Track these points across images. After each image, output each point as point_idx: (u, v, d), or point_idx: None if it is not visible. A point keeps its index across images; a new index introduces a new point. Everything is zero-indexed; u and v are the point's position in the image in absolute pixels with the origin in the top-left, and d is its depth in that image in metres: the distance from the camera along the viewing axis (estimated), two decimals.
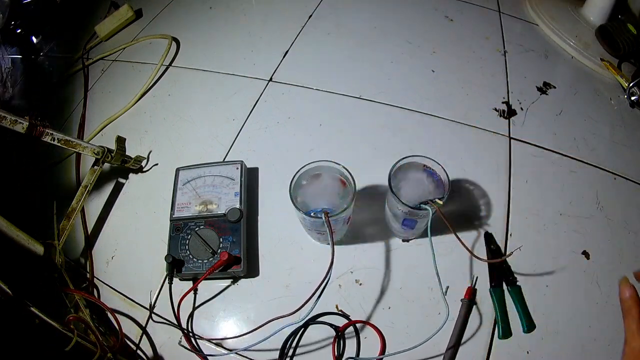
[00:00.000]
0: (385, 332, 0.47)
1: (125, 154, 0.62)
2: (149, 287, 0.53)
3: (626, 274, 0.50)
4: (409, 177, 0.45)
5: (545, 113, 0.66)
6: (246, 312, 0.50)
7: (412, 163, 0.46)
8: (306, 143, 0.63)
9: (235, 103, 0.70)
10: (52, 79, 0.88)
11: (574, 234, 0.53)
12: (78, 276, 0.56)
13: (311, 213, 0.43)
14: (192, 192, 0.56)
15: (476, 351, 0.45)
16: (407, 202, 0.42)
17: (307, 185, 0.46)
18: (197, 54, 0.81)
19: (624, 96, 0.68)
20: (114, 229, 0.61)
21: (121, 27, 0.92)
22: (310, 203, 0.45)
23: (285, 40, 0.79)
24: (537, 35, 0.79)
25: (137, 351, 0.50)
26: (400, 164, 0.45)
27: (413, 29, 0.79)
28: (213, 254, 0.50)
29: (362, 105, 0.68)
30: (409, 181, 0.45)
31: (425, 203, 0.42)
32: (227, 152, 0.64)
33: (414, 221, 0.46)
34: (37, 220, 0.63)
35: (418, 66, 0.73)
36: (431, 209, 0.41)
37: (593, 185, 0.57)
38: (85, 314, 0.48)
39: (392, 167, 0.45)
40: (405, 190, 0.44)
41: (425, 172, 0.45)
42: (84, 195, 0.56)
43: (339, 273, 0.51)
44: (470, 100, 0.67)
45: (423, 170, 0.45)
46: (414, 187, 0.44)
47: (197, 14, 0.90)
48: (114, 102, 0.76)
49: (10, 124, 0.54)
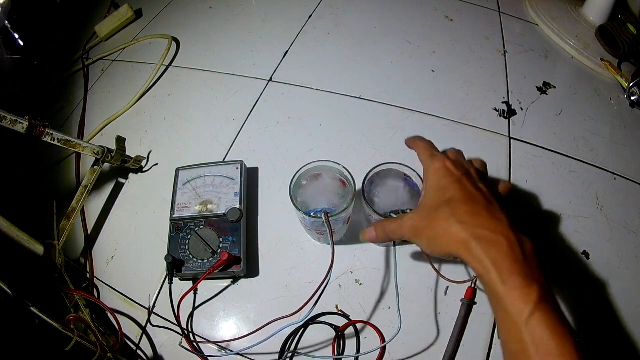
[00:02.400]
0: (385, 332, 0.47)
1: (125, 154, 0.62)
2: (149, 287, 0.53)
3: (626, 273, 0.50)
4: (386, 184, 0.45)
5: (545, 113, 0.66)
6: (246, 312, 0.50)
7: (391, 170, 0.45)
8: (306, 143, 0.63)
9: (235, 103, 0.70)
10: (52, 79, 0.88)
11: (574, 234, 0.53)
12: (78, 276, 0.56)
13: (311, 213, 0.43)
14: (192, 192, 0.56)
15: (476, 351, 0.45)
16: (377, 210, 0.41)
17: (307, 185, 0.46)
18: (197, 54, 0.81)
19: (624, 96, 0.68)
20: (114, 229, 0.61)
21: (121, 27, 0.92)
22: (310, 203, 0.45)
23: (285, 40, 0.79)
24: (537, 35, 0.79)
25: (137, 351, 0.50)
26: (378, 170, 0.45)
27: (413, 29, 0.79)
28: (213, 254, 0.50)
29: (362, 105, 0.68)
30: (385, 188, 0.44)
31: (396, 212, 0.41)
32: (227, 152, 0.64)
33: None
34: (37, 220, 0.63)
35: (418, 66, 0.73)
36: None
37: (593, 185, 0.57)
38: (85, 314, 0.48)
39: (369, 172, 0.44)
40: (380, 198, 0.43)
41: (404, 181, 0.45)
42: (84, 195, 0.56)
43: (339, 273, 0.51)
44: (470, 100, 0.67)
45: (403, 179, 0.45)
46: (388, 195, 0.43)
47: (197, 14, 0.90)
48: (114, 102, 0.76)
49: (10, 124, 0.54)
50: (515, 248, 0.30)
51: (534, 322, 0.27)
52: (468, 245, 0.30)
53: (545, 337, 0.27)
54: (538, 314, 0.27)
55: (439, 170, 0.36)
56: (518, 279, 0.28)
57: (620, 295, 0.48)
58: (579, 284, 0.49)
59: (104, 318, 0.52)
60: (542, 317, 0.27)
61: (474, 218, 0.31)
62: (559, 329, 0.27)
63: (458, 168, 0.36)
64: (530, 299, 0.28)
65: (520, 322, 0.27)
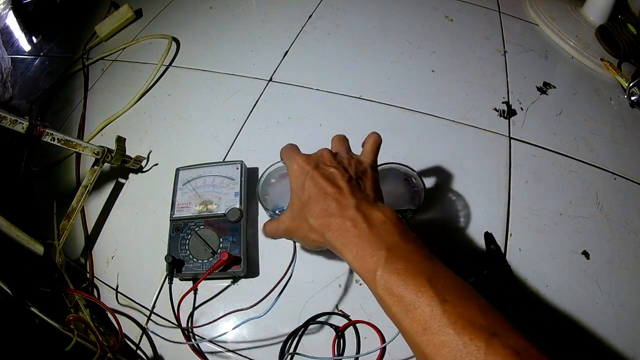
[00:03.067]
0: (385, 332, 0.47)
1: (125, 154, 0.62)
2: (149, 287, 0.53)
3: (626, 273, 0.50)
4: (386, 184, 0.44)
5: (545, 113, 0.66)
6: (246, 312, 0.50)
7: (391, 170, 0.45)
8: (306, 143, 0.63)
9: (235, 103, 0.70)
10: (52, 79, 0.88)
11: (574, 234, 0.53)
12: (78, 276, 0.56)
13: (277, 211, 0.43)
14: (192, 192, 0.56)
15: None
16: None
17: (275, 183, 0.46)
18: (197, 54, 0.81)
19: (624, 96, 0.68)
20: (114, 229, 0.61)
21: (121, 27, 0.92)
22: (278, 201, 0.44)
23: (285, 40, 0.79)
24: (537, 35, 0.79)
25: (137, 351, 0.50)
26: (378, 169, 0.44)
27: (413, 29, 0.79)
28: (213, 254, 0.50)
29: (362, 105, 0.68)
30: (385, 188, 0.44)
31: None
32: (227, 152, 0.64)
33: None
34: (37, 220, 0.63)
35: (418, 66, 0.73)
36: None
37: (593, 185, 0.57)
38: (85, 314, 0.48)
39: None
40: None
41: (404, 181, 0.44)
42: (84, 195, 0.56)
43: (339, 273, 0.51)
44: (470, 100, 0.67)
45: (403, 179, 0.45)
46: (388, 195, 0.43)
47: (197, 14, 0.90)
48: (114, 102, 0.76)
49: (10, 124, 0.54)
50: (359, 225, 0.32)
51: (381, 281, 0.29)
52: (325, 237, 0.34)
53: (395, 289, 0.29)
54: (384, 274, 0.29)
55: (294, 171, 0.38)
56: (364, 250, 0.31)
57: (621, 295, 0.48)
58: (579, 284, 0.49)
59: (104, 318, 0.52)
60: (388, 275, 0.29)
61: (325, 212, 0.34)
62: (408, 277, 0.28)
63: (309, 162, 0.38)
64: (379, 263, 0.30)
65: (373, 286, 0.30)
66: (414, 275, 0.28)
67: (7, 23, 1.09)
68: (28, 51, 1.02)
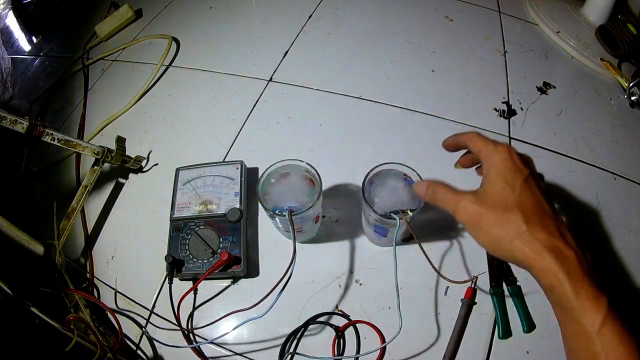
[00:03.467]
0: (385, 332, 0.47)
1: (125, 154, 0.62)
2: (149, 287, 0.53)
3: (626, 273, 0.50)
4: (386, 184, 0.44)
5: (545, 113, 0.66)
6: (246, 313, 0.50)
7: (391, 170, 0.45)
8: (306, 143, 0.63)
9: (235, 103, 0.70)
10: (52, 79, 0.88)
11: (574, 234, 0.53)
12: (78, 276, 0.56)
13: (277, 211, 0.43)
14: (192, 192, 0.56)
15: (476, 351, 0.45)
16: (377, 210, 0.42)
17: (275, 183, 0.46)
18: (197, 54, 0.81)
19: (624, 96, 0.68)
20: (114, 229, 0.61)
21: (121, 27, 0.92)
22: (278, 201, 0.44)
23: (285, 40, 0.79)
24: (537, 35, 0.79)
25: (137, 351, 0.50)
26: (378, 170, 0.44)
27: (413, 29, 0.79)
28: (213, 254, 0.50)
29: (362, 105, 0.68)
30: (385, 188, 0.44)
31: (396, 212, 0.41)
32: (227, 152, 0.64)
33: (385, 229, 0.45)
34: (37, 220, 0.63)
35: (418, 66, 0.73)
36: (398, 219, 0.41)
37: (593, 185, 0.57)
38: (85, 314, 0.48)
39: (369, 172, 0.44)
40: (380, 198, 0.43)
41: (404, 181, 0.44)
42: (84, 195, 0.56)
43: (339, 273, 0.51)
44: (470, 100, 0.67)
45: (403, 179, 0.45)
46: (388, 195, 0.43)
47: (197, 14, 0.90)
48: (114, 102, 0.76)
49: (10, 124, 0.54)
50: (582, 260, 0.30)
51: (605, 331, 0.28)
52: (541, 257, 0.30)
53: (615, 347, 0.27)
54: (609, 324, 0.28)
55: (506, 161, 0.32)
56: (590, 290, 0.29)
57: (620, 295, 0.48)
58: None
59: (104, 318, 0.52)
60: (612, 327, 0.28)
61: (546, 229, 0.31)
62: (627, 338, 0.28)
63: (525, 165, 0.33)
64: (601, 310, 0.28)
65: (593, 332, 0.28)
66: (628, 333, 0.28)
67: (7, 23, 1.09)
68: (28, 51, 1.02)
